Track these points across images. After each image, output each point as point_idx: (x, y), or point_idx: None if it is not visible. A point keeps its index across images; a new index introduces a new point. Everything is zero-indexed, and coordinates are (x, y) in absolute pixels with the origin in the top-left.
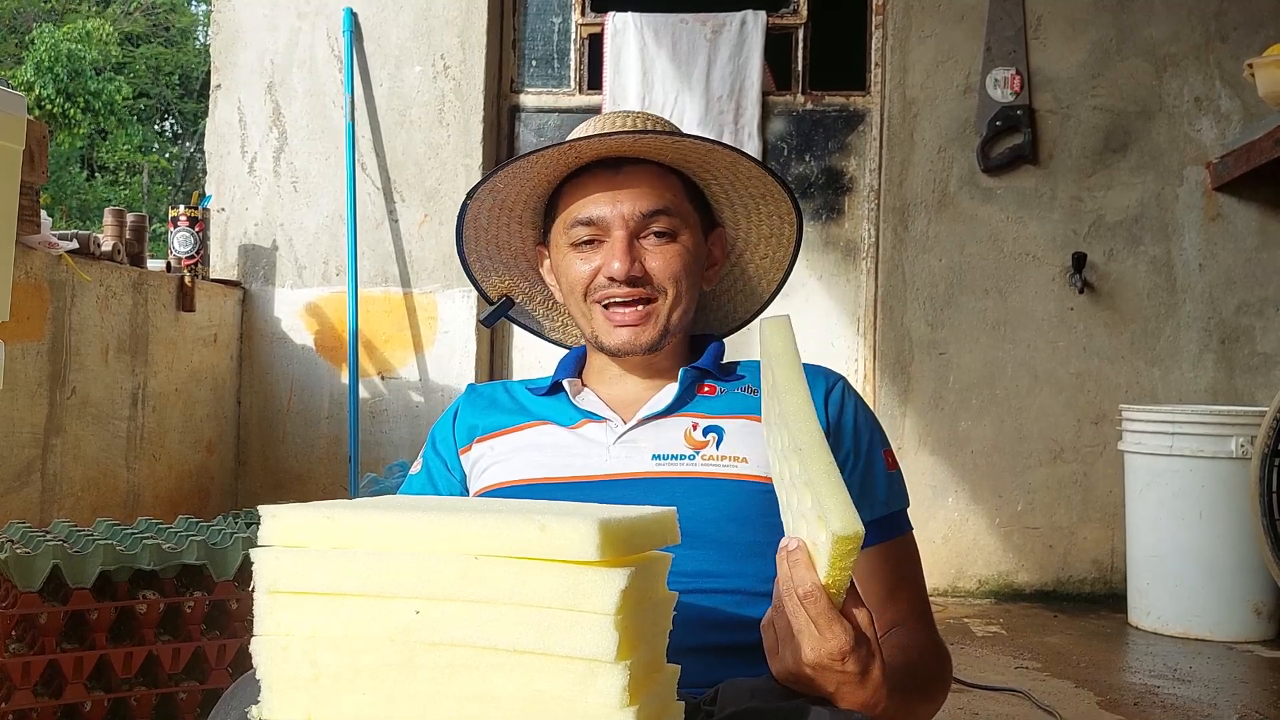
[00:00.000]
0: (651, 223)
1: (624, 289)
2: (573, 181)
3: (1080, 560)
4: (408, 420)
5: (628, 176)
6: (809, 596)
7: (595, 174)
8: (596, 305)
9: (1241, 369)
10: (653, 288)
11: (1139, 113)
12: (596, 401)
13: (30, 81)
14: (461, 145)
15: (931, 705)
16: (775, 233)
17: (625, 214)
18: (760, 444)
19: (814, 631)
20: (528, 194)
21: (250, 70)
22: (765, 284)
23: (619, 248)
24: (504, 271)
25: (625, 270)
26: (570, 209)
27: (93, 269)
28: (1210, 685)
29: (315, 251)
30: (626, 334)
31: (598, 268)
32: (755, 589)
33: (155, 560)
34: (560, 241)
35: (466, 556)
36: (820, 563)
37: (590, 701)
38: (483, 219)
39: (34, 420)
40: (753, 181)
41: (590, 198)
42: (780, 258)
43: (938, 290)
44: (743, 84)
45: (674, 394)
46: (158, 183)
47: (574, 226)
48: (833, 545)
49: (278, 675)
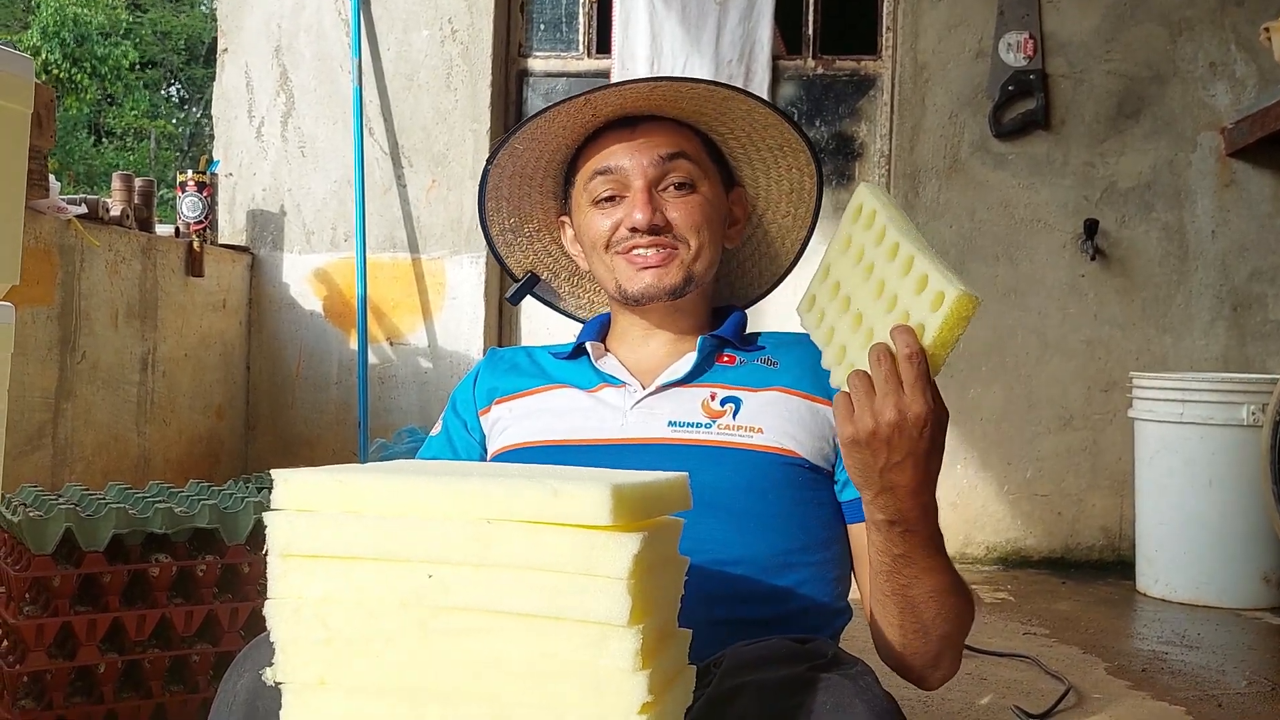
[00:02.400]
0: (670, 170)
1: (646, 238)
2: (590, 143)
3: (1089, 527)
4: (416, 386)
5: (644, 130)
6: (913, 358)
7: (613, 131)
8: (619, 255)
9: (1253, 336)
10: (674, 237)
11: (1153, 78)
12: (617, 365)
13: (37, 46)
14: (469, 110)
15: (961, 623)
16: (795, 187)
17: (645, 163)
18: (777, 416)
19: (904, 394)
20: (547, 158)
21: (257, 34)
22: (788, 244)
23: (640, 198)
24: (527, 246)
25: (648, 219)
26: (588, 164)
27: (101, 234)
28: (1219, 652)
29: (323, 217)
30: (650, 276)
31: (619, 221)
32: (767, 560)
33: (167, 524)
34: (581, 201)
35: (479, 520)
36: (930, 329)
37: (602, 665)
38: (504, 189)
39: (45, 385)
40: (769, 132)
41: (608, 150)
42: (802, 214)
43: (948, 257)
44: (753, 48)
45: (693, 362)
46: (164, 148)
47: (593, 179)
48: (954, 304)
49: (291, 638)
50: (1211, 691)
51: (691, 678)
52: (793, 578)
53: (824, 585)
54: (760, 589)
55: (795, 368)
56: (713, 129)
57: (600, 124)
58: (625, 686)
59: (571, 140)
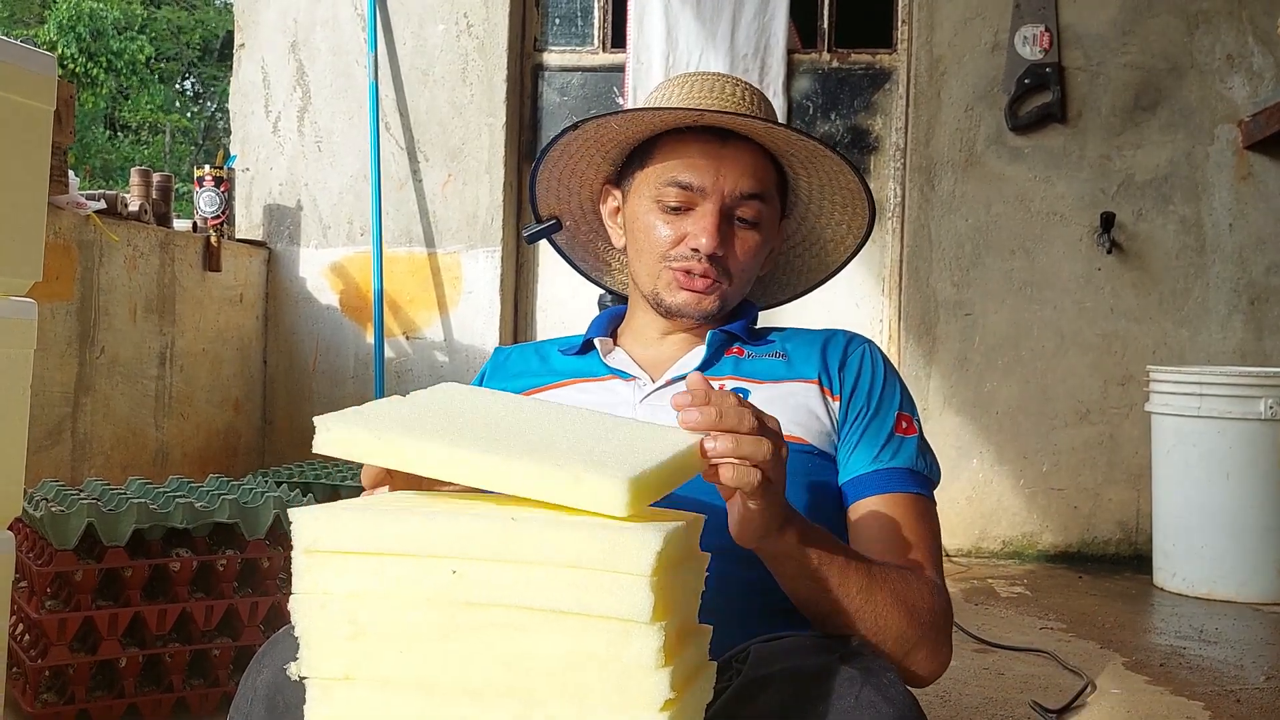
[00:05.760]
0: (745, 205)
1: (703, 264)
2: (675, 136)
3: (1105, 521)
4: (432, 380)
5: (733, 150)
6: None
7: (701, 137)
8: (668, 268)
9: (1271, 330)
10: (725, 270)
11: (1169, 70)
12: (626, 360)
13: (53, 40)
14: (485, 104)
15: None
16: (841, 236)
17: (726, 189)
18: (787, 407)
19: None
20: (626, 136)
21: (273, 29)
22: (815, 276)
23: (711, 223)
24: (565, 198)
25: (712, 248)
26: (668, 165)
27: (120, 229)
28: (1237, 647)
29: (339, 211)
30: (689, 298)
31: (683, 235)
32: None
33: (188, 519)
34: (645, 193)
35: (504, 517)
36: None
37: (626, 661)
38: (574, 146)
39: (64, 379)
40: (841, 191)
41: (692, 161)
42: (833, 260)
43: (964, 251)
44: (768, 42)
45: (702, 356)
46: (179, 141)
47: (669, 185)
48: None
49: (317, 633)
50: (1230, 687)
51: (713, 674)
52: None
53: None
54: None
55: (804, 360)
56: (791, 165)
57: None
58: (648, 683)
59: (661, 128)
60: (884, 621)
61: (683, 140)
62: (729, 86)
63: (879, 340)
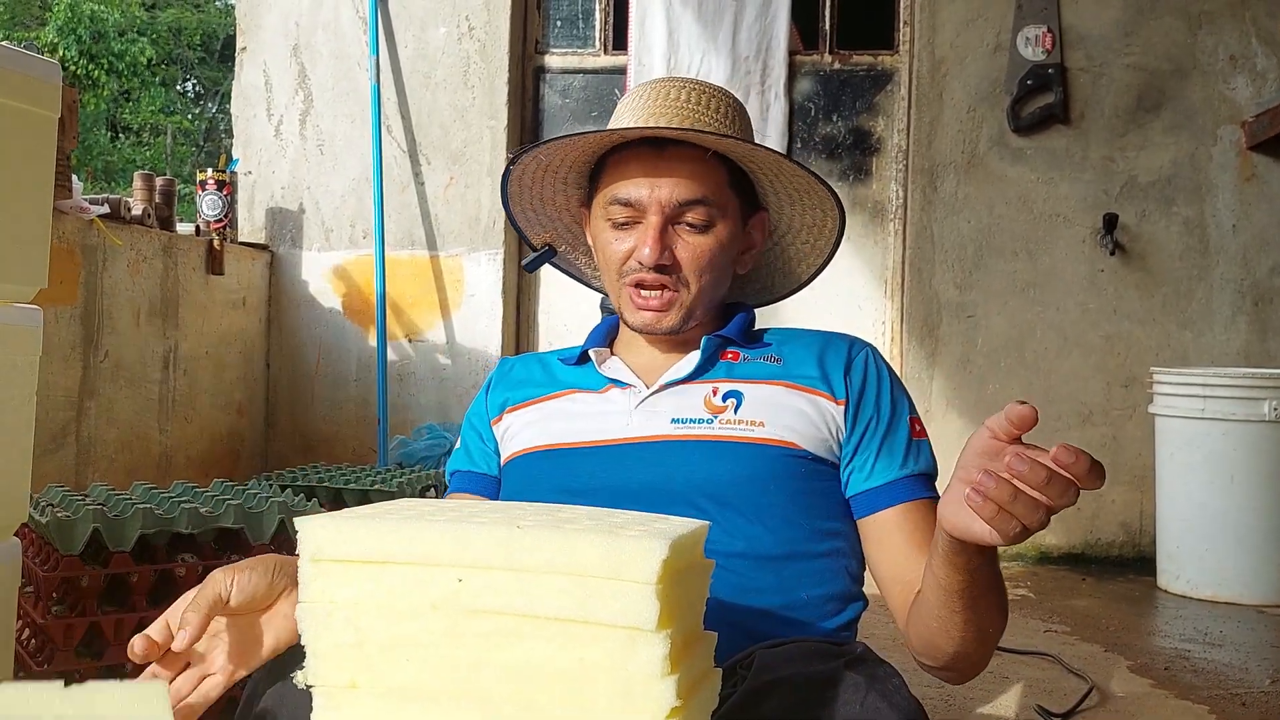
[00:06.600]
0: (687, 211)
1: (652, 274)
2: (617, 154)
3: (1109, 523)
4: (435, 383)
5: (670, 160)
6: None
7: (639, 152)
8: (626, 285)
9: (1275, 331)
10: (678, 278)
11: (1173, 71)
12: (622, 368)
13: (53, 43)
14: (487, 107)
15: (1001, 622)
16: (817, 223)
17: (662, 200)
18: (779, 409)
19: None
20: (572, 160)
21: (275, 32)
22: (805, 266)
23: (651, 235)
24: (549, 225)
25: (654, 259)
26: (610, 187)
27: (123, 233)
28: (1242, 649)
29: (342, 214)
30: (649, 317)
31: (631, 249)
32: (772, 551)
33: (193, 524)
34: (599, 214)
35: (509, 525)
36: None
37: (631, 670)
38: (527, 178)
39: (68, 384)
40: (796, 177)
41: (630, 180)
42: (821, 246)
43: (966, 252)
44: (769, 43)
45: (696, 361)
46: (180, 143)
47: (612, 204)
48: None
49: (322, 641)
50: (1235, 690)
51: (718, 680)
52: (800, 567)
53: (833, 574)
54: (767, 580)
55: (799, 363)
56: (741, 160)
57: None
58: (654, 691)
59: (598, 149)
60: (995, 629)
61: (623, 157)
62: (674, 91)
63: (881, 342)
